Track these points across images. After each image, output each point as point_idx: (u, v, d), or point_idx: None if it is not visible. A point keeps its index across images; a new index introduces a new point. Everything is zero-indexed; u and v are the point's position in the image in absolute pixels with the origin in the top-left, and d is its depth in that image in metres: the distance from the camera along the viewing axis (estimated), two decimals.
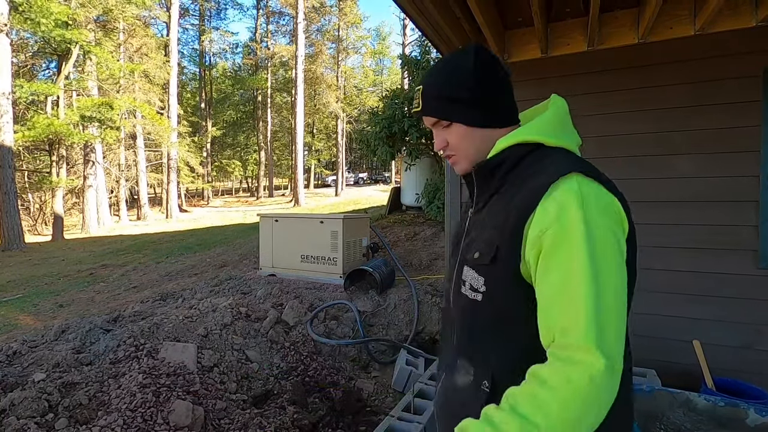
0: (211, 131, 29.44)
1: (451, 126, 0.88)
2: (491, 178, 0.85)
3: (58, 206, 15.20)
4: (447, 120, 0.87)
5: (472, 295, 0.83)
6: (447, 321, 0.97)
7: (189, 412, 2.29)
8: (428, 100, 0.88)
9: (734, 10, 2.38)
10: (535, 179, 0.76)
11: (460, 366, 0.88)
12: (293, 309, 3.93)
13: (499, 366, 0.80)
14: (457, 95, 0.85)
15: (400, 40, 29.76)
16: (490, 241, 0.79)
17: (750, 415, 1.43)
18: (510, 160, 0.82)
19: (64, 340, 3.08)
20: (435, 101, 0.87)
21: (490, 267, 0.79)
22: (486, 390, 0.80)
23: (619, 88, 2.68)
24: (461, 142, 0.88)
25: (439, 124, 0.89)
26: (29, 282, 8.01)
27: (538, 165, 0.79)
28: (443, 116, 0.87)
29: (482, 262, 0.81)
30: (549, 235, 0.69)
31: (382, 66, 38.87)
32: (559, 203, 0.70)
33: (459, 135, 0.87)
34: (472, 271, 0.83)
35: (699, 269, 2.52)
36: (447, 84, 0.86)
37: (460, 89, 0.85)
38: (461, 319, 0.88)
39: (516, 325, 0.78)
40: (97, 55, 15.14)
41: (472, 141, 0.87)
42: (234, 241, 10.06)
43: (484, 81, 0.85)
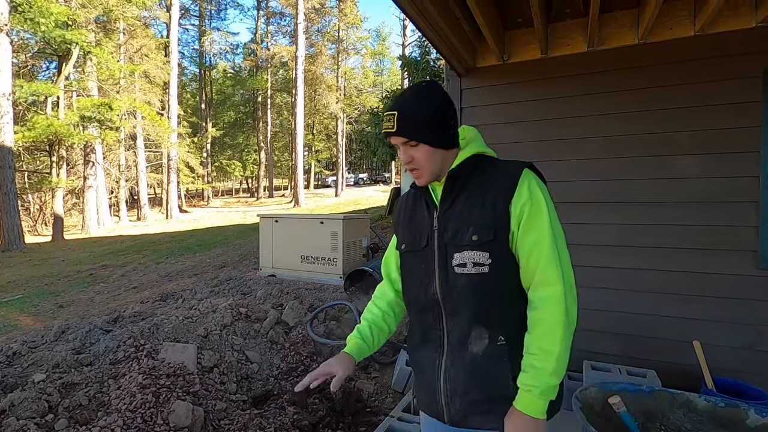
0: (211, 132, 29.45)
1: (417, 146, 1.06)
2: (456, 182, 1.09)
3: (58, 207, 15.20)
4: (416, 141, 1.05)
5: (478, 269, 1.03)
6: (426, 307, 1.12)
7: (189, 413, 2.29)
8: (402, 123, 1.05)
9: (734, 11, 2.38)
10: (504, 174, 1.06)
11: (474, 336, 1.05)
12: (293, 309, 3.93)
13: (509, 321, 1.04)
14: (427, 122, 1.05)
15: (400, 41, 29.80)
16: (485, 224, 1.03)
17: (750, 416, 1.43)
18: (468, 167, 1.09)
19: (64, 340, 3.08)
20: (407, 124, 1.05)
21: (492, 242, 1.02)
22: (503, 342, 1.03)
23: (619, 89, 2.68)
24: (426, 160, 1.07)
25: (408, 144, 1.07)
26: (29, 282, 8.01)
27: (493, 166, 1.10)
28: (413, 138, 1.05)
29: (484, 240, 1.02)
30: (526, 208, 1.01)
31: (382, 67, 38.92)
32: (527, 187, 1.03)
33: (424, 154, 1.06)
34: (472, 252, 1.03)
35: (699, 270, 2.52)
36: (422, 113, 1.05)
37: (432, 120, 1.06)
38: (467, 294, 1.05)
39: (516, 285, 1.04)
40: (97, 55, 15.15)
41: (434, 159, 1.07)
42: (234, 242, 10.06)
43: (446, 112, 1.08)
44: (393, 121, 1.05)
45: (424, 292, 1.11)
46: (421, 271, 1.12)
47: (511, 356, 1.02)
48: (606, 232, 2.71)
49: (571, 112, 2.80)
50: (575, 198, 2.75)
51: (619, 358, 2.64)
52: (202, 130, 29.98)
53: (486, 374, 1.04)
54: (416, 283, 1.14)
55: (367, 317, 1.28)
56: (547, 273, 0.99)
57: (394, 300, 1.28)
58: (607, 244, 2.71)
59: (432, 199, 1.13)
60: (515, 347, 1.02)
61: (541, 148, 2.86)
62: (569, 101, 2.81)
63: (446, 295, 1.07)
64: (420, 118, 1.05)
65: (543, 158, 2.84)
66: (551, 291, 0.98)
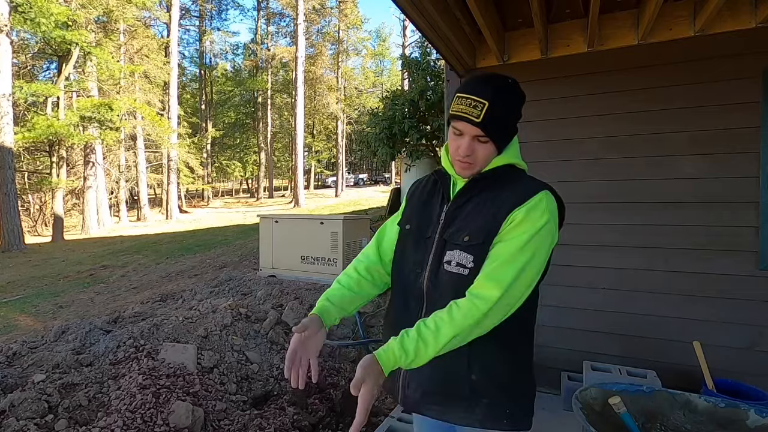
0: (211, 132, 29.46)
1: (487, 143, 1.03)
2: (478, 184, 1.08)
3: (58, 207, 15.21)
4: (489, 139, 1.02)
5: (459, 270, 1.03)
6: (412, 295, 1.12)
7: (189, 414, 2.29)
8: (488, 119, 1.00)
9: (734, 11, 2.38)
10: (522, 187, 1.04)
11: None
12: (293, 310, 3.93)
13: None
14: (507, 125, 1.05)
15: (400, 42, 29.80)
16: (483, 228, 1.02)
17: (750, 417, 1.43)
18: (496, 175, 1.07)
19: (64, 341, 3.08)
20: (494, 122, 1.01)
21: (480, 246, 1.01)
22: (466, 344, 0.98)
23: (618, 90, 2.68)
24: (485, 158, 1.05)
25: (478, 139, 1.03)
26: (29, 283, 8.01)
27: (516, 177, 1.08)
28: (491, 136, 1.02)
29: (473, 243, 1.02)
30: (518, 218, 0.98)
31: (383, 67, 38.91)
32: (533, 204, 0.99)
33: (487, 152, 1.05)
34: (460, 252, 1.03)
35: (699, 270, 2.52)
36: (508, 114, 1.04)
37: (511, 123, 1.06)
38: (446, 291, 1.04)
39: None
40: (98, 56, 15.16)
41: (490, 158, 1.06)
42: (234, 242, 10.06)
43: (519, 118, 1.08)
44: (481, 111, 0.98)
45: (413, 280, 1.11)
46: (415, 259, 1.12)
47: (471, 359, 1.03)
48: (606, 232, 2.71)
49: (571, 112, 2.80)
50: (575, 199, 2.75)
51: (620, 359, 2.63)
52: (202, 130, 29.98)
53: (444, 370, 1.04)
54: (408, 268, 1.14)
55: (340, 280, 1.21)
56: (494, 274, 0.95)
57: (375, 266, 1.23)
58: (607, 245, 2.71)
59: (449, 192, 1.13)
60: (477, 352, 1.02)
61: (542, 149, 2.86)
62: (569, 102, 2.81)
63: (431, 288, 1.07)
64: (506, 119, 1.04)
65: (543, 159, 2.85)
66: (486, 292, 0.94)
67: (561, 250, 1.00)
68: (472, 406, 1.04)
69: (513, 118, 1.06)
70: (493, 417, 1.05)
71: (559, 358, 2.74)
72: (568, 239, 2.76)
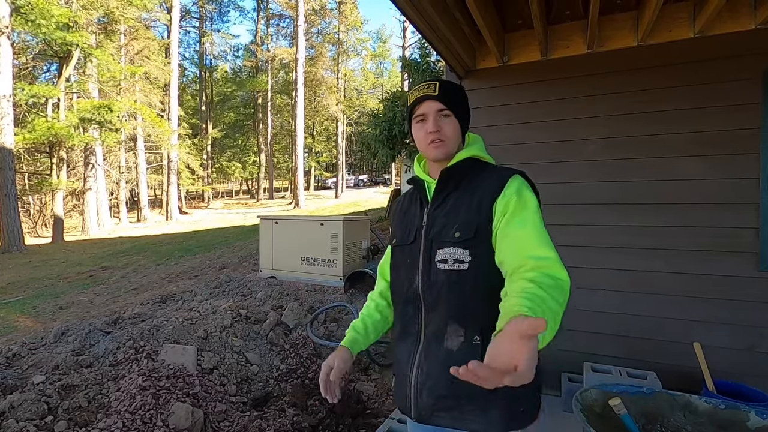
0: (212, 133, 29.48)
1: (450, 117, 1.11)
2: (450, 181, 1.11)
3: (58, 208, 15.21)
4: (450, 111, 1.10)
5: (455, 266, 1.04)
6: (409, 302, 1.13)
7: (189, 415, 2.29)
8: (445, 92, 1.10)
9: (733, 13, 2.39)
10: (495, 176, 1.06)
11: (450, 332, 1.04)
12: (293, 311, 3.93)
13: (486, 320, 0.98)
14: (463, 102, 1.15)
15: (400, 43, 29.81)
16: (469, 221, 1.03)
17: (751, 418, 1.43)
18: (463, 168, 1.12)
19: (63, 342, 3.08)
20: (450, 96, 1.10)
21: (473, 240, 1.02)
22: (478, 341, 1.00)
23: (618, 91, 2.69)
24: (452, 134, 1.11)
25: (442, 112, 1.10)
26: (29, 284, 8.00)
27: (486, 170, 1.11)
28: (450, 107, 1.10)
29: (465, 238, 1.03)
30: (512, 204, 0.99)
31: (383, 68, 38.95)
32: (515, 189, 1.02)
33: (453, 128, 1.11)
34: (454, 248, 1.04)
35: (699, 271, 2.51)
36: (458, 91, 1.14)
37: (465, 99, 1.16)
38: (446, 290, 1.05)
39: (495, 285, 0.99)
40: (98, 57, 15.18)
41: (457, 136, 1.13)
42: (234, 243, 10.06)
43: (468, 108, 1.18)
44: (434, 87, 1.10)
45: (407, 286, 1.13)
46: (406, 265, 1.14)
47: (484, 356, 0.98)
48: (606, 233, 2.71)
49: (571, 113, 2.80)
50: (576, 199, 2.75)
51: (620, 360, 2.63)
52: (202, 131, 30.01)
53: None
54: (401, 276, 1.16)
55: (362, 312, 1.31)
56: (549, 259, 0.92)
57: (386, 290, 1.29)
58: (607, 246, 2.71)
59: (426, 196, 1.16)
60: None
61: (542, 150, 2.86)
62: (570, 103, 2.81)
63: (426, 289, 1.08)
64: (457, 94, 1.13)
65: (544, 160, 2.85)
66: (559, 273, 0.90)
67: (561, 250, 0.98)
68: (488, 408, 1.02)
69: (465, 98, 1.15)
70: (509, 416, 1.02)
71: (559, 359, 2.74)
72: (568, 240, 2.77)
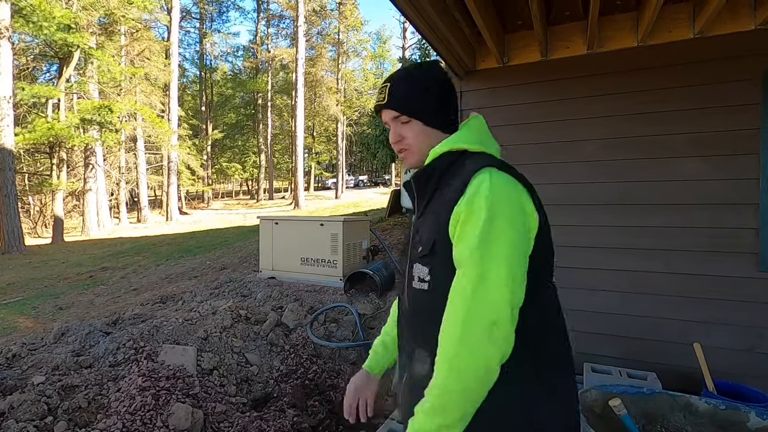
0: (212, 134, 29.49)
1: (409, 122, 0.97)
2: (427, 185, 0.97)
3: (58, 209, 15.21)
4: (408, 116, 0.96)
5: (419, 285, 0.92)
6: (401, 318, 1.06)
7: (188, 416, 2.29)
8: (394, 96, 0.97)
9: (733, 14, 2.39)
10: (460, 178, 0.88)
11: (417, 355, 0.95)
12: (293, 312, 3.92)
13: None
14: (423, 97, 0.96)
15: (401, 44, 29.88)
16: (430, 235, 0.90)
17: (751, 419, 1.43)
18: (441, 167, 0.94)
19: (63, 342, 3.08)
20: (401, 98, 0.96)
21: (431, 257, 0.89)
22: None
23: (618, 92, 2.69)
24: (416, 139, 0.97)
25: (399, 119, 0.98)
26: (29, 285, 8.00)
27: (462, 168, 0.91)
28: (407, 113, 0.96)
29: (424, 254, 0.91)
30: (462, 216, 0.83)
31: (383, 69, 38.96)
32: (473, 190, 0.83)
33: (415, 132, 0.97)
34: (419, 266, 0.93)
35: (699, 272, 2.51)
36: (416, 85, 0.97)
37: (426, 93, 0.97)
38: (413, 310, 0.96)
39: None
40: (99, 58, 15.20)
41: (426, 138, 0.97)
42: (234, 244, 10.06)
43: (445, 91, 0.99)
44: (385, 93, 0.97)
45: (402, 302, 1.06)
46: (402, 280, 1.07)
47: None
48: (606, 234, 2.71)
49: (571, 114, 2.80)
50: (576, 200, 2.75)
51: (620, 361, 2.63)
52: (202, 132, 30.02)
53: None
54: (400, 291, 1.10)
55: (381, 336, 1.28)
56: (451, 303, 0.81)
57: None
58: (607, 246, 2.71)
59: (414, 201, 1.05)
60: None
61: (542, 150, 2.86)
62: (570, 103, 2.81)
63: (407, 307, 1.00)
64: (415, 91, 0.96)
65: (544, 160, 2.85)
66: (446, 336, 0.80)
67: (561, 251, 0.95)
68: None
69: (430, 90, 0.97)
70: None
71: None
72: (568, 241, 2.77)
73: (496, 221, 0.79)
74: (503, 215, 0.80)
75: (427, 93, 0.97)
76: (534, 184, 0.94)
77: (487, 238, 0.78)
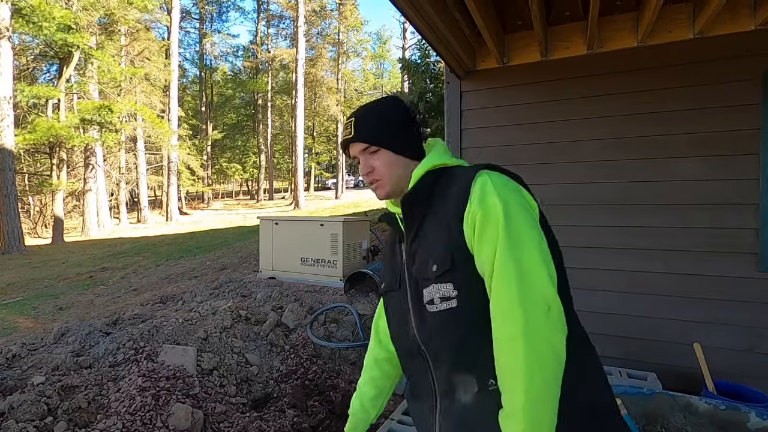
0: (212, 134, 29.49)
1: (378, 152, 0.99)
2: (416, 208, 0.96)
3: (58, 209, 15.21)
4: (376, 146, 0.98)
5: (446, 305, 0.87)
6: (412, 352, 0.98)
7: (188, 416, 2.29)
8: (361, 129, 0.99)
9: (733, 14, 2.39)
10: (459, 184, 0.89)
11: (459, 383, 0.88)
12: (293, 312, 3.92)
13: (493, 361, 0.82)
14: (389, 127, 0.99)
15: (401, 44, 29.87)
16: (444, 250, 0.87)
17: (751, 419, 1.43)
18: (426, 186, 0.96)
19: (63, 343, 3.08)
20: (368, 130, 0.99)
21: (452, 271, 0.86)
22: (495, 387, 0.82)
23: (618, 92, 2.69)
24: (387, 168, 0.98)
25: (368, 151, 0.99)
26: (29, 285, 8.00)
27: (452, 179, 0.93)
28: (375, 143, 0.98)
29: (444, 270, 0.87)
30: (477, 217, 0.83)
31: (383, 69, 39.00)
32: (478, 192, 0.85)
33: (385, 162, 0.98)
34: (437, 285, 0.88)
35: (700, 272, 2.52)
36: (381, 117, 1.00)
37: (391, 123, 0.99)
38: (441, 335, 0.90)
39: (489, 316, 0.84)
40: (99, 58, 15.21)
41: (396, 167, 0.98)
42: (234, 244, 10.05)
43: (409, 120, 1.01)
44: (352, 127, 0.99)
45: (405, 335, 1.00)
46: (401, 312, 1.01)
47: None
48: (607, 234, 2.71)
49: (571, 114, 2.80)
50: (576, 200, 2.75)
51: (620, 361, 2.63)
52: (202, 132, 30.03)
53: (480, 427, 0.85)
54: (396, 324, 1.04)
55: (356, 393, 1.25)
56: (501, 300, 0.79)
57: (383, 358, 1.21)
58: (607, 247, 2.71)
59: (401, 230, 1.02)
60: None
61: (542, 151, 2.86)
62: (570, 104, 2.81)
63: (425, 338, 0.93)
64: (381, 122, 0.99)
65: (544, 160, 2.85)
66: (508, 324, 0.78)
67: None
68: None
69: (394, 119, 1.00)
70: None
71: None
72: (567, 241, 2.76)
73: (513, 211, 0.82)
74: (516, 204, 0.84)
75: (392, 122, 1.00)
76: (534, 184, 0.95)
77: (512, 230, 0.80)
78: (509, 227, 0.80)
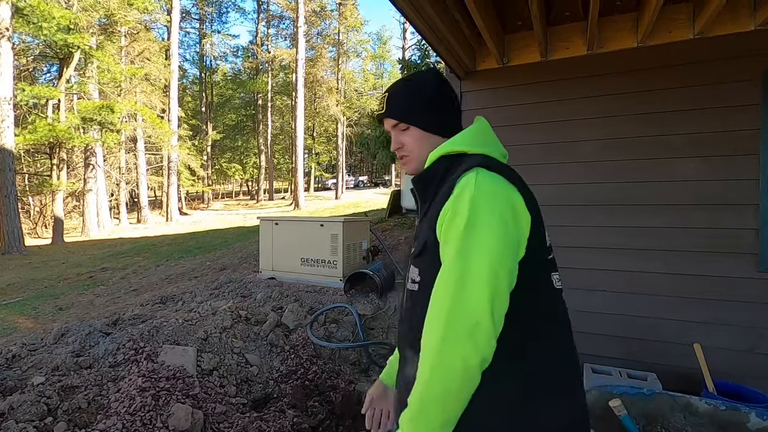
0: (212, 134, 29.49)
1: (408, 129, 1.00)
2: (427, 190, 0.97)
3: (58, 209, 15.21)
4: (406, 123, 1.00)
5: (411, 286, 0.93)
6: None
7: (188, 416, 2.29)
8: (393, 105, 1.00)
9: (733, 14, 2.39)
10: (452, 179, 0.88)
11: (407, 357, 0.95)
12: (293, 312, 3.92)
13: None
14: (420, 104, 0.99)
15: (401, 44, 29.91)
16: (423, 238, 0.91)
17: (751, 419, 1.43)
18: (439, 170, 0.95)
19: (63, 343, 3.08)
20: (399, 107, 1.00)
21: (421, 258, 0.90)
22: None
23: (618, 92, 2.69)
24: (416, 145, 1.00)
25: (398, 127, 1.01)
26: (29, 285, 8.00)
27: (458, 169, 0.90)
28: (404, 120, 1.00)
29: (416, 254, 0.92)
30: (448, 217, 0.82)
31: (383, 70, 39.00)
32: (459, 191, 0.83)
33: (415, 138, 1.00)
34: (412, 267, 0.95)
35: (699, 272, 2.52)
36: (412, 93, 1.00)
37: (422, 100, 0.99)
38: (405, 311, 0.97)
39: None
40: (99, 59, 15.22)
41: (425, 144, 0.99)
42: (234, 244, 10.05)
43: (442, 96, 1.01)
44: (383, 102, 1.02)
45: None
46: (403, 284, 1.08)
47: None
48: (606, 234, 2.71)
49: (571, 114, 2.81)
50: (576, 200, 2.75)
51: (620, 361, 2.63)
52: (202, 132, 30.03)
53: None
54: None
55: None
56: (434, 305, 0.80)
57: None
58: (607, 247, 2.71)
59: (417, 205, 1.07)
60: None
61: (542, 151, 2.87)
62: (569, 104, 2.81)
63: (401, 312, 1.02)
64: (413, 98, 0.99)
65: (544, 161, 2.85)
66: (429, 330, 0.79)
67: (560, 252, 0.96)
68: None
69: (426, 96, 0.99)
70: None
71: None
72: (567, 241, 2.76)
73: (479, 219, 0.78)
74: (487, 213, 0.79)
75: (424, 99, 0.99)
76: (534, 184, 0.93)
77: (469, 237, 0.78)
78: (467, 237, 0.78)
